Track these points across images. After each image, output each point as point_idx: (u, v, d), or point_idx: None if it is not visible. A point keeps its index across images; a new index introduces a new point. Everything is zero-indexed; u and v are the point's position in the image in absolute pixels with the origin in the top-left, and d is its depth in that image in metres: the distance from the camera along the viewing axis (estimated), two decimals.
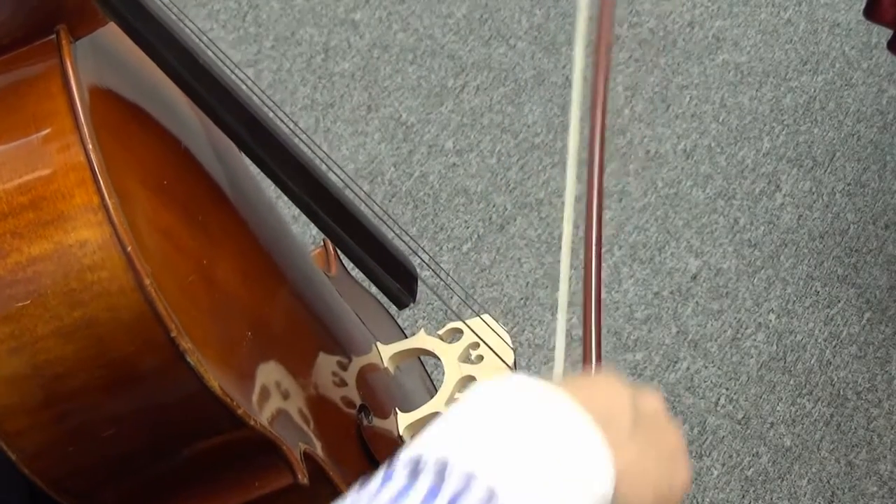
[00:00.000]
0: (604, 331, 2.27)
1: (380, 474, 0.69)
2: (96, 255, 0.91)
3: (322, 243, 1.54)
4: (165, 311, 0.91)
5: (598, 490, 0.70)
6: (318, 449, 1.11)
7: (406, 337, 1.44)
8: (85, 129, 0.94)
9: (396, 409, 1.30)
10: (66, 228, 0.91)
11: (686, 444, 0.79)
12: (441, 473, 0.67)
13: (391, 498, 0.66)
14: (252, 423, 0.98)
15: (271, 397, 1.07)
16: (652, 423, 0.77)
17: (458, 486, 0.66)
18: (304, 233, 2.22)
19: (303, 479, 1.04)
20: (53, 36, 1.02)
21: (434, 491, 0.66)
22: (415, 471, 0.68)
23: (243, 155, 1.18)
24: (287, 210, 1.70)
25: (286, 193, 1.18)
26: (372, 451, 1.22)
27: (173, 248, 1.00)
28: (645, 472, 0.74)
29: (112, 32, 1.06)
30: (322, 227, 1.21)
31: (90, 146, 0.93)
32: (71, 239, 0.91)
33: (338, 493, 1.08)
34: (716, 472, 2.10)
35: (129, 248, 0.90)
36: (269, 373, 1.10)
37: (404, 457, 0.69)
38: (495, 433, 0.69)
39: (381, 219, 1.33)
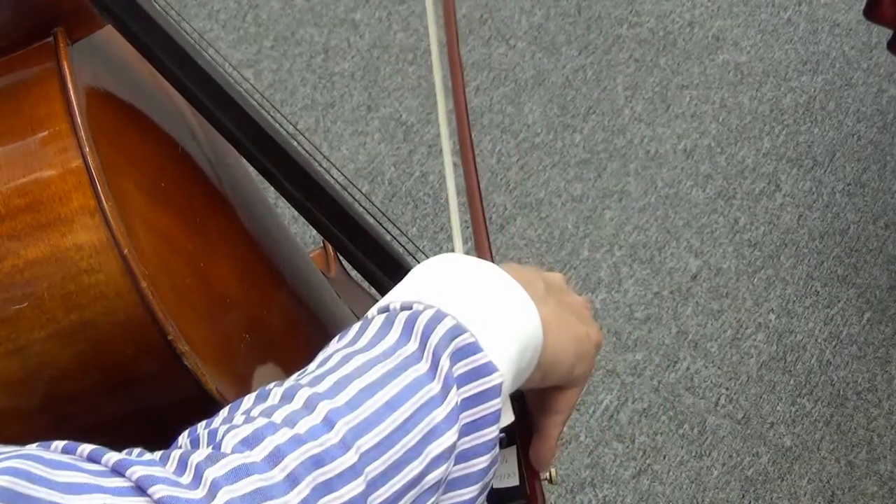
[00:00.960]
0: (604, 330, 2.27)
1: (356, 325, 0.79)
2: (93, 258, 0.91)
3: (321, 245, 1.54)
4: (162, 314, 0.91)
5: (533, 331, 0.82)
6: None
7: None
8: (82, 133, 0.93)
9: None
10: (63, 231, 0.91)
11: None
12: (413, 313, 0.78)
13: (373, 336, 0.78)
14: None
15: None
16: (559, 290, 0.89)
17: (430, 320, 0.77)
18: (304, 234, 2.22)
19: None
20: (51, 38, 1.02)
21: (410, 324, 0.77)
22: (389, 314, 0.79)
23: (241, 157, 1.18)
24: (287, 211, 1.70)
25: (284, 195, 1.17)
26: None
27: (170, 250, 1.00)
28: (563, 322, 0.85)
29: (110, 35, 1.06)
30: (320, 229, 1.20)
31: (87, 149, 0.93)
32: (68, 242, 0.91)
33: None
34: (716, 472, 2.10)
35: (125, 251, 0.90)
36: (267, 375, 1.09)
37: (375, 308, 0.80)
38: (448, 283, 0.81)
39: (378, 220, 1.33)
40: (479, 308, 0.80)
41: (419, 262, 0.87)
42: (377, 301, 1.52)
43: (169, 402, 0.96)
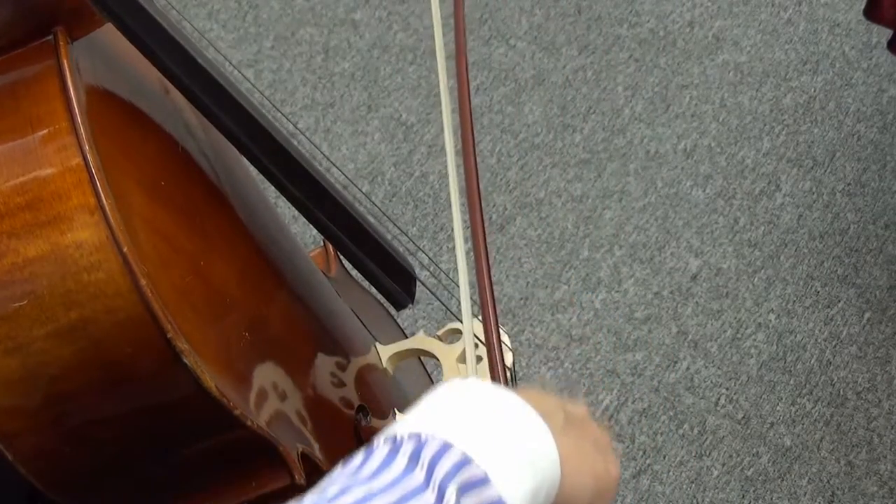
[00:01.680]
0: (604, 330, 2.27)
1: (360, 453, 0.76)
2: (93, 256, 0.91)
3: (322, 244, 1.54)
4: (162, 313, 0.91)
5: (549, 466, 0.79)
6: (316, 450, 1.11)
7: (406, 337, 1.44)
8: (82, 131, 0.94)
9: (395, 409, 1.30)
10: (63, 229, 0.91)
11: (625, 461, 0.88)
12: (419, 443, 0.75)
13: (378, 466, 0.74)
14: (249, 423, 0.98)
15: (269, 398, 1.07)
16: (580, 421, 0.86)
17: (436, 451, 0.74)
18: (304, 233, 2.22)
19: (300, 479, 1.04)
20: (51, 37, 1.02)
21: (416, 455, 0.74)
22: (394, 444, 0.75)
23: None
24: (287, 210, 1.70)
25: (284, 194, 1.18)
26: None
27: (170, 249, 1.00)
28: (583, 458, 0.82)
29: (110, 33, 1.06)
30: (319, 227, 1.21)
31: (87, 148, 0.93)
32: (67, 240, 0.91)
33: None
34: (716, 472, 2.10)
35: (125, 249, 0.90)
36: (267, 374, 1.10)
37: (382, 437, 0.77)
38: (459, 413, 0.78)
39: (378, 220, 1.33)
40: (491, 440, 0.77)
41: (418, 262, 0.86)
42: (378, 300, 1.53)
43: (169, 399, 0.96)
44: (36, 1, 1.04)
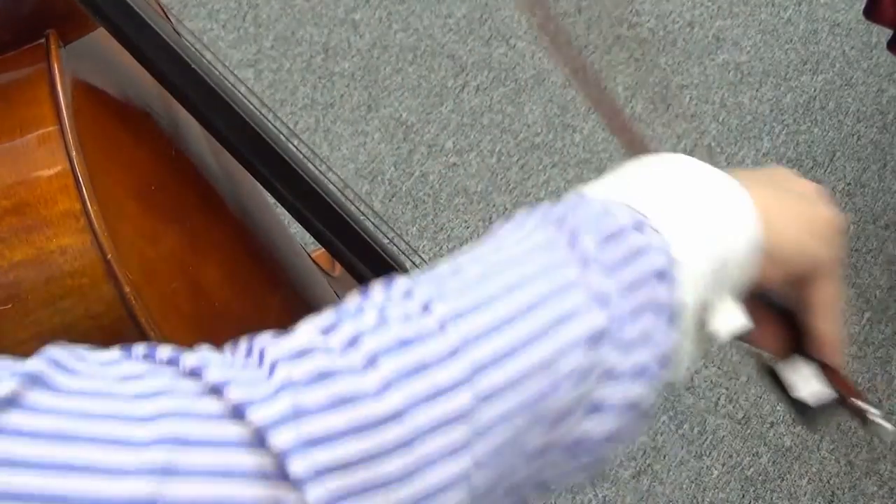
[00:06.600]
0: None
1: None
2: (77, 261, 0.91)
3: None
4: (145, 319, 0.91)
5: (734, 210, 0.71)
6: None
7: None
8: (69, 136, 0.94)
9: None
10: (48, 234, 0.92)
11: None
12: (553, 205, 0.68)
13: (506, 228, 0.67)
14: None
15: None
16: (784, 177, 0.79)
17: (570, 204, 0.67)
18: (305, 233, 2.22)
19: None
20: (42, 40, 1.02)
21: (547, 212, 0.67)
22: (528, 212, 0.68)
23: None
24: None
25: (279, 200, 1.17)
26: None
27: (157, 254, 1.00)
28: (785, 204, 0.75)
29: (104, 37, 1.06)
30: (313, 232, 1.20)
31: (74, 153, 0.93)
32: (52, 245, 0.92)
33: None
34: (716, 472, 2.10)
35: (109, 256, 0.90)
36: None
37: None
38: (607, 178, 0.71)
39: (375, 223, 1.33)
40: (646, 189, 0.69)
41: (416, 265, 0.85)
42: None
43: None
44: (27, 4, 1.04)
